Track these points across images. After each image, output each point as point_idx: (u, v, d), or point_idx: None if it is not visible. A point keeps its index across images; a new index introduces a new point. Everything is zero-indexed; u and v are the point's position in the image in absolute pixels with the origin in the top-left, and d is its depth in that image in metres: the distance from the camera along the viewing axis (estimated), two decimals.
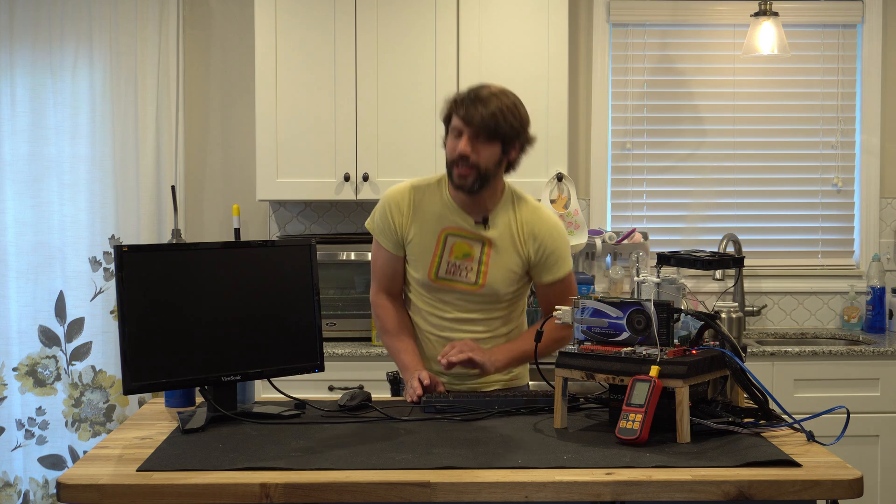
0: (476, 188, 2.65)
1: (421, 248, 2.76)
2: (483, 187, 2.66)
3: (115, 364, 4.25)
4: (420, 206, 2.76)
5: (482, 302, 2.76)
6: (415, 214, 2.75)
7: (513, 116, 2.62)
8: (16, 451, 4.33)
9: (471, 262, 2.73)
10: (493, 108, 2.59)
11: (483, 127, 2.59)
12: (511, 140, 2.65)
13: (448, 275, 2.75)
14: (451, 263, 2.74)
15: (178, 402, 2.61)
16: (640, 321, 2.28)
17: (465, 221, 2.73)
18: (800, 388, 3.95)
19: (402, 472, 2.01)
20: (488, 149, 2.62)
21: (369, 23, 4.08)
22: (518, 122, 2.64)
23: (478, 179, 2.64)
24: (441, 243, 2.74)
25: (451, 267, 2.74)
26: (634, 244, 4.37)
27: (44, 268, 4.31)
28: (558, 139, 4.15)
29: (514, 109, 2.64)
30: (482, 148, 2.61)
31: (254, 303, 2.50)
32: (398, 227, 2.77)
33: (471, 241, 2.73)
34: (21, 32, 4.28)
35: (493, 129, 2.60)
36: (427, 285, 2.78)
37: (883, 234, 4.58)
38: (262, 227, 4.50)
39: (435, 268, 2.75)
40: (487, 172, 2.64)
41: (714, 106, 4.57)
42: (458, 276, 2.74)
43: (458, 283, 2.74)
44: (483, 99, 2.61)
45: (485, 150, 2.62)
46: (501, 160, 2.67)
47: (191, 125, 4.47)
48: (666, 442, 2.16)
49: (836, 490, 1.97)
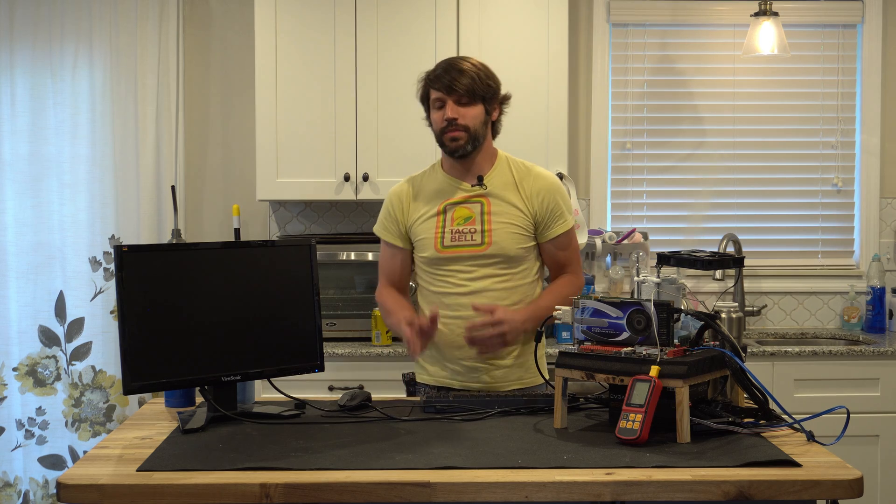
0: (469, 149, 2.79)
1: (425, 226, 2.83)
2: (475, 149, 2.80)
3: (115, 364, 4.25)
4: (419, 190, 2.89)
5: (491, 265, 2.78)
6: (415, 199, 2.87)
7: (487, 77, 2.81)
8: (16, 451, 4.33)
9: (473, 224, 2.79)
10: (469, 73, 2.77)
11: (464, 91, 2.76)
12: (490, 100, 2.82)
13: (453, 241, 2.80)
14: (455, 231, 2.80)
15: (178, 402, 2.61)
16: (640, 321, 2.28)
17: (462, 188, 2.84)
18: (800, 388, 3.95)
19: (402, 472, 2.01)
20: (472, 110, 2.78)
21: (369, 23, 4.09)
22: (493, 82, 2.83)
23: (469, 140, 2.78)
24: (442, 213, 2.82)
25: (454, 234, 2.80)
26: (634, 244, 4.37)
27: (44, 268, 4.31)
28: (558, 139, 4.15)
29: (486, 71, 2.83)
30: (466, 111, 2.77)
31: (254, 303, 2.50)
32: (400, 217, 2.87)
33: (470, 204, 2.82)
34: (21, 32, 4.28)
35: (472, 90, 2.77)
36: (435, 260, 2.81)
37: (883, 234, 4.58)
38: (262, 227, 4.50)
39: (440, 238, 2.80)
40: (477, 132, 2.79)
41: (714, 106, 4.57)
42: (464, 240, 2.79)
43: (464, 247, 2.79)
44: (458, 68, 2.78)
45: (469, 111, 2.77)
46: (486, 120, 2.82)
47: (191, 125, 4.47)
48: (666, 442, 2.16)
49: (836, 490, 1.97)
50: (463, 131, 2.76)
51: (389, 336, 3.97)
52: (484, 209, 2.80)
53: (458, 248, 2.79)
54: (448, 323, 2.80)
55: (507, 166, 2.87)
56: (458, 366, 2.81)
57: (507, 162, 2.88)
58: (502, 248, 2.78)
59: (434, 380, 2.86)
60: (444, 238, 2.80)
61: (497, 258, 2.78)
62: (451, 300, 2.80)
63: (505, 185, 2.83)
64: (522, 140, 4.08)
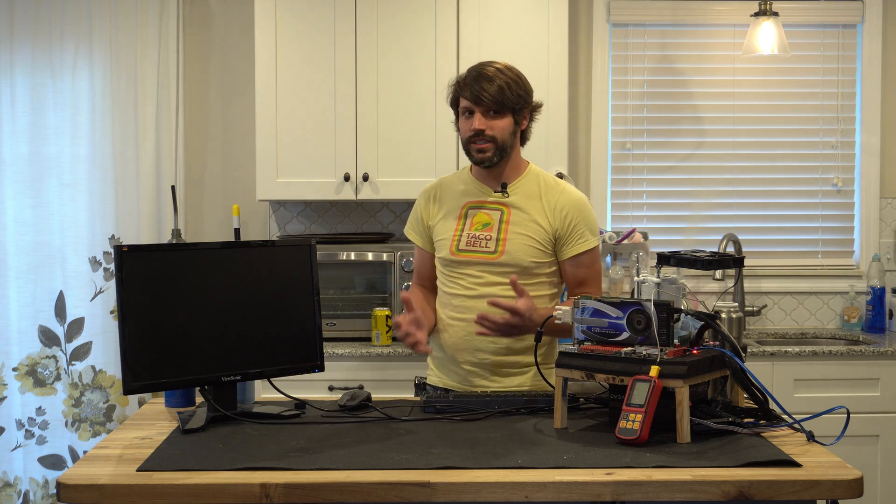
0: (496, 160, 2.76)
1: (445, 226, 2.83)
2: (503, 158, 2.78)
3: (115, 364, 4.25)
4: (446, 190, 2.89)
5: (502, 273, 2.75)
6: (441, 200, 2.87)
7: (518, 87, 2.75)
8: (16, 451, 4.33)
9: (490, 231, 2.78)
10: (499, 83, 2.71)
11: (493, 102, 2.71)
12: (521, 110, 2.77)
13: (468, 246, 2.79)
14: (472, 236, 2.79)
15: (178, 402, 2.61)
16: (640, 321, 2.28)
17: (485, 193, 2.83)
18: (800, 388, 3.95)
19: (402, 472, 2.01)
20: (501, 121, 2.74)
21: (369, 23, 4.08)
22: (524, 91, 2.77)
23: (497, 151, 2.75)
24: (462, 217, 2.82)
25: (471, 239, 2.79)
26: (634, 244, 4.37)
27: (44, 268, 4.31)
28: (558, 139, 4.15)
29: (518, 80, 2.76)
30: (495, 122, 2.73)
31: (254, 303, 2.50)
32: (424, 215, 2.89)
33: (490, 210, 2.80)
34: (21, 32, 4.28)
35: (502, 102, 2.72)
36: (449, 261, 2.81)
37: (883, 234, 4.58)
38: (262, 227, 4.50)
39: (456, 241, 2.80)
40: (504, 143, 2.75)
41: (714, 106, 4.57)
42: (478, 246, 2.78)
43: (477, 253, 2.77)
44: (488, 76, 2.73)
45: (497, 123, 2.74)
46: (515, 130, 2.78)
47: (191, 125, 4.47)
48: (666, 442, 2.16)
49: (836, 490, 1.97)
50: (490, 142, 2.73)
51: (389, 336, 3.97)
52: (503, 217, 2.78)
53: (471, 254, 2.78)
54: (453, 325, 2.80)
55: (535, 178, 2.83)
56: (459, 369, 2.80)
57: (536, 174, 2.85)
58: (515, 259, 2.75)
59: (441, 382, 2.86)
60: (460, 241, 2.80)
61: (508, 268, 2.75)
62: (459, 302, 2.80)
63: (528, 197, 2.80)
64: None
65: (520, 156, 2.86)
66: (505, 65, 2.79)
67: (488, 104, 2.71)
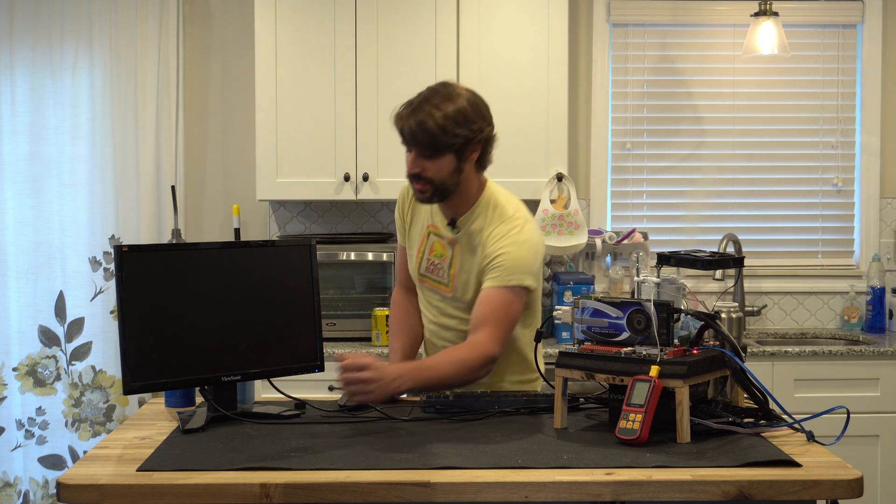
0: (437, 199, 2.59)
1: (414, 239, 2.79)
2: (445, 198, 2.58)
3: (115, 364, 4.25)
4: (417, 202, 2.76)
5: (456, 308, 2.70)
6: (413, 209, 2.79)
7: (456, 124, 2.46)
8: (16, 451, 4.33)
9: (444, 262, 2.69)
10: (431, 126, 2.44)
11: (425, 146, 2.48)
12: (462, 147, 2.50)
13: (428, 272, 2.74)
14: (430, 261, 2.73)
15: (178, 402, 2.61)
16: (640, 321, 2.28)
17: (442, 223, 2.69)
18: (800, 388, 3.95)
19: (402, 472, 2.01)
20: (437, 163, 2.50)
21: (369, 23, 4.08)
22: (468, 129, 2.48)
23: (435, 192, 2.55)
24: (425, 239, 2.74)
25: (430, 265, 2.73)
26: (634, 244, 4.37)
27: (44, 268, 4.31)
28: (558, 139, 4.15)
29: (460, 116, 2.47)
30: (430, 164, 2.51)
31: (254, 303, 2.50)
32: (403, 218, 2.82)
33: (445, 242, 2.69)
34: (21, 32, 4.28)
35: (435, 147, 2.48)
36: (416, 279, 2.80)
37: (883, 234, 4.58)
38: (262, 227, 4.50)
39: (418, 262, 2.76)
40: (444, 184, 2.53)
41: (714, 106, 4.57)
42: (436, 274, 2.73)
43: (434, 282, 2.73)
44: (421, 118, 2.46)
45: (433, 165, 2.51)
46: (459, 167, 2.53)
47: (191, 125, 4.47)
48: (666, 442, 2.16)
49: (836, 490, 1.97)
50: (428, 184, 2.53)
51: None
52: (454, 252, 2.65)
53: (430, 281, 2.74)
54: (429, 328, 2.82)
55: (485, 209, 2.61)
56: None
57: (487, 204, 2.61)
58: (462, 295, 2.66)
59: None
60: (421, 264, 2.75)
61: (458, 303, 2.68)
62: (426, 321, 2.81)
63: (473, 234, 2.61)
64: (523, 141, 4.09)
65: (473, 184, 2.60)
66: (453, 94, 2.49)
67: (420, 147, 2.48)
